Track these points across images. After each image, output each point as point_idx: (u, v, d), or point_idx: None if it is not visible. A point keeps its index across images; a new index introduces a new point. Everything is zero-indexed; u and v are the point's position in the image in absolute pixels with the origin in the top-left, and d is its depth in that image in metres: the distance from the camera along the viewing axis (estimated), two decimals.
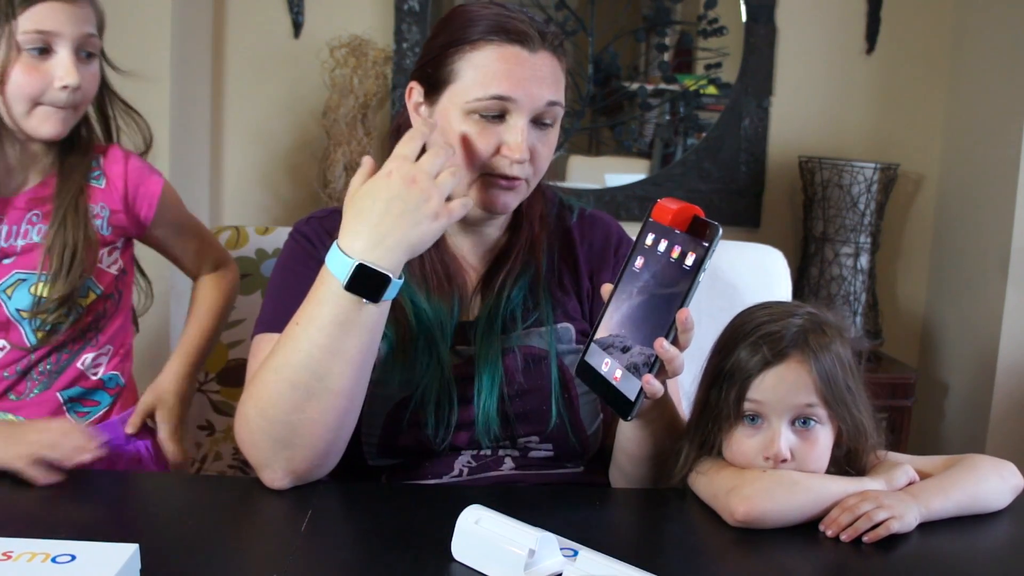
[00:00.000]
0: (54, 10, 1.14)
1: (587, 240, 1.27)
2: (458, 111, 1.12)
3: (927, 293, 2.89)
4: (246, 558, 0.93)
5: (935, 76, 2.81)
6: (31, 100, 1.15)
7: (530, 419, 1.17)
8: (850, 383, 1.06)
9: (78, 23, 1.16)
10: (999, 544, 1.03)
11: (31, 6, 1.13)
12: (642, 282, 0.98)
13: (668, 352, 0.93)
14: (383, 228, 0.99)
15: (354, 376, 1.03)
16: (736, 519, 1.00)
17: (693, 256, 0.93)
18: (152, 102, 2.33)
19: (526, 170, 1.13)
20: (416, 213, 0.99)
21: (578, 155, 2.87)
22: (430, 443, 1.14)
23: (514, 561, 0.84)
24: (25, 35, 1.13)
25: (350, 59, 2.59)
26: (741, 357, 1.05)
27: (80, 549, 0.79)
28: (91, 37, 1.19)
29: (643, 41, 2.82)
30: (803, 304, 1.11)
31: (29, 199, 1.24)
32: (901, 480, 1.05)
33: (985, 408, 2.53)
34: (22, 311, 1.24)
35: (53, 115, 1.17)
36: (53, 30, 1.14)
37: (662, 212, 0.99)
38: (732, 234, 2.75)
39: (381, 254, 0.99)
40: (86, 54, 1.20)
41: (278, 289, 1.18)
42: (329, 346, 1.00)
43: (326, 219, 1.22)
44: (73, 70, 1.15)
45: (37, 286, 1.24)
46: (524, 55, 1.10)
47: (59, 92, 1.16)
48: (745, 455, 1.05)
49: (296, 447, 1.03)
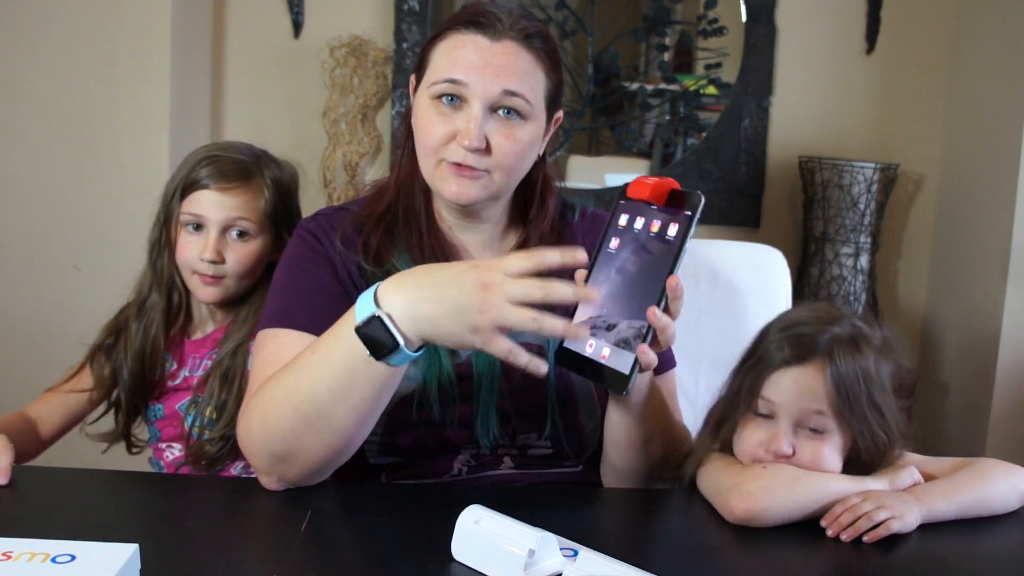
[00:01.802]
0: (208, 198, 1.38)
1: (588, 239, 1.27)
2: (425, 98, 1.14)
3: (927, 293, 2.89)
4: (246, 558, 0.93)
5: (935, 76, 2.81)
6: (187, 268, 1.39)
7: (528, 416, 1.17)
8: (878, 400, 1.04)
9: (226, 209, 1.37)
10: (1001, 547, 1.03)
11: (191, 192, 1.38)
12: (620, 261, 0.97)
13: (661, 320, 0.93)
14: (424, 301, 0.93)
15: (355, 423, 1.01)
16: (736, 515, 1.00)
17: (676, 226, 0.94)
18: (152, 102, 2.35)
19: (482, 161, 1.12)
20: (463, 313, 0.91)
21: (578, 155, 2.87)
22: (432, 440, 1.15)
23: (514, 561, 0.84)
24: (183, 215, 1.39)
25: (350, 59, 2.60)
26: (769, 349, 1.06)
27: (80, 549, 0.79)
28: (240, 220, 1.38)
29: (643, 41, 2.82)
30: (854, 315, 1.09)
31: (209, 341, 1.44)
32: (905, 481, 1.04)
33: (985, 408, 2.53)
34: (195, 427, 1.39)
35: (202, 284, 1.38)
36: (202, 213, 1.37)
37: (640, 188, 0.98)
38: (732, 234, 2.75)
39: (405, 319, 0.93)
40: (237, 233, 1.38)
41: (284, 285, 1.18)
42: (335, 387, 0.98)
43: (332, 216, 1.23)
44: (211, 247, 1.36)
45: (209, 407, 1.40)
46: (483, 42, 1.12)
47: (201, 263, 1.37)
48: (749, 445, 1.06)
49: (291, 464, 1.03)
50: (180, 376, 1.42)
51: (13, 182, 2.36)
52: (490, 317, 0.90)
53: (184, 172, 1.39)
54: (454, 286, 0.92)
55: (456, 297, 0.91)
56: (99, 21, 2.31)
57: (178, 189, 1.39)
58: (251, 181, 1.40)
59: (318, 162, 2.65)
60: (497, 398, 1.15)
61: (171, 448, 1.43)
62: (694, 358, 1.53)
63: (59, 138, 2.35)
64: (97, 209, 2.37)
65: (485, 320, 0.90)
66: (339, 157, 2.63)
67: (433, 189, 1.18)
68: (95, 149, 2.35)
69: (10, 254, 2.37)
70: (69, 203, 2.36)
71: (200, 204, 1.37)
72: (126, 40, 2.33)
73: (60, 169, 2.36)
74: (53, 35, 2.31)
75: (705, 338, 1.23)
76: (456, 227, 1.23)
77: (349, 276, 1.17)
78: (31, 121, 2.34)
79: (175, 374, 1.42)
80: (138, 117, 2.36)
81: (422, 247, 1.19)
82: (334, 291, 1.16)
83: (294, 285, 1.16)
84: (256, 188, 1.40)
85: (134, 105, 2.34)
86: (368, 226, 1.19)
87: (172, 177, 1.42)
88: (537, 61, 1.14)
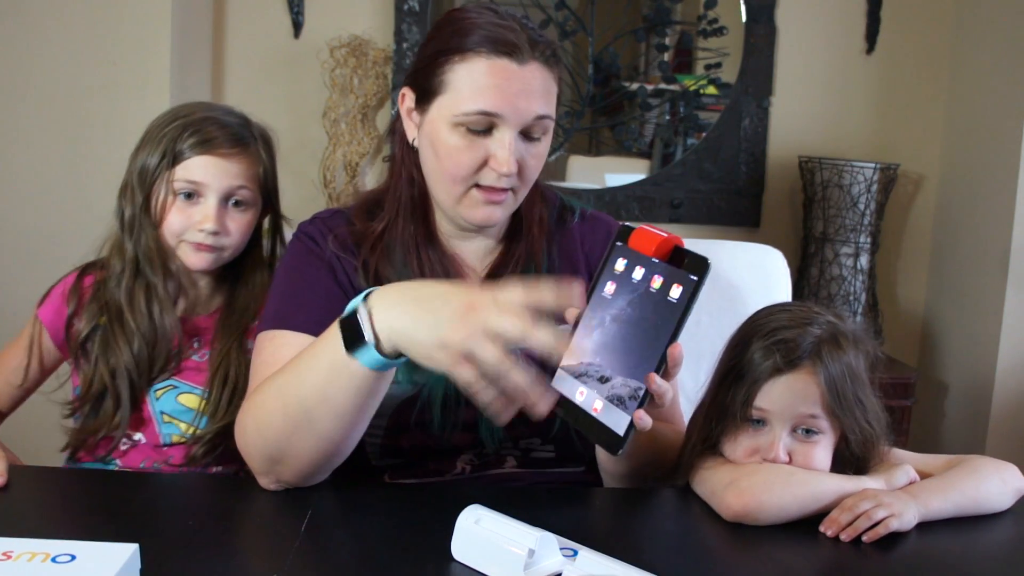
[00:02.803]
0: (205, 164, 1.28)
1: (589, 241, 1.27)
2: (446, 123, 1.11)
3: (927, 293, 2.89)
4: (246, 558, 0.93)
5: (935, 76, 2.81)
6: (176, 236, 1.30)
7: (532, 422, 1.16)
8: (860, 395, 1.05)
9: (226, 176, 1.29)
10: (998, 545, 1.03)
11: (188, 159, 1.28)
12: (616, 310, 0.94)
13: (660, 387, 0.89)
14: (407, 305, 0.92)
15: (340, 428, 0.99)
16: (733, 511, 1.00)
17: (680, 288, 0.89)
18: (152, 102, 2.34)
19: (513, 182, 1.12)
20: (437, 326, 0.88)
21: (578, 155, 2.87)
22: (435, 442, 1.14)
23: (514, 561, 0.84)
24: (178, 182, 1.29)
25: (350, 59, 2.59)
26: (754, 359, 1.05)
27: (80, 549, 0.79)
28: (240, 189, 1.31)
29: (643, 41, 2.82)
30: (824, 311, 1.09)
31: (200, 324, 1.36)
32: (901, 480, 1.05)
33: (985, 408, 2.53)
34: (165, 414, 1.31)
35: (195, 251, 1.30)
36: (200, 180, 1.28)
37: (644, 240, 0.93)
38: (732, 234, 2.76)
39: (381, 320, 0.92)
40: (235, 202, 1.31)
41: (283, 287, 1.18)
42: (320, 387, 0.96)
43: (330, 219, 1.22)
44: (212, 217, 1.28)
45: (185, 396, 1.32)
46: (513, 68, 1.09)
47: (198, 233, 1.29)
48: (743, 454, 1.06)
49: (285, 465, 1.02)
50: (203, 355, 1.34)
51: (13, 182, 2.36)
52: (461, 337, 0.86)
53: (172, 135, 1.29)
54: (440, 300, 0.90)
55: (438, 309, 0.89)
56: (99, 21, 2.31)
57: (167, 154, 1.28)
58: (249, 147, 1.33)
59: (318, 162, 2.65)
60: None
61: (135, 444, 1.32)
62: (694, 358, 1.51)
63: (59, 138, 2.35)
64: (97, 209, 2.37)
65: (456, 339, 0.86)
66: (339, 157, 2.63)
67: (452, 213, 1.16)
68: (95, 149, 2.35)
69: (10, 254, 2.37)
70: (69, 203, 2.36)
71: (198, 171, 1.28)
72: (126, 40, 2.32)
73: (60, 169, 2.36)
74: (53, 35, 2.31)
75: (705, 338, 1.23)
76: (455, 236, 1.22)
77: (348, 279, 1.17)
78: (31, 121, 2.34)
79: (198, 352, 1.34)
80: (138, 117, 2.34)
81: (420, 260, 1.18)
82: (333, 293, 1.16)
83: (293, 287, 1.16)
84: (254, 154, 1.33)
85: (134, 105, 2.34)
86: (365, 248, 1.18)
87: (149, 141, 1.31)
88: (555, 79, 1.14)
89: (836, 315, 1.09)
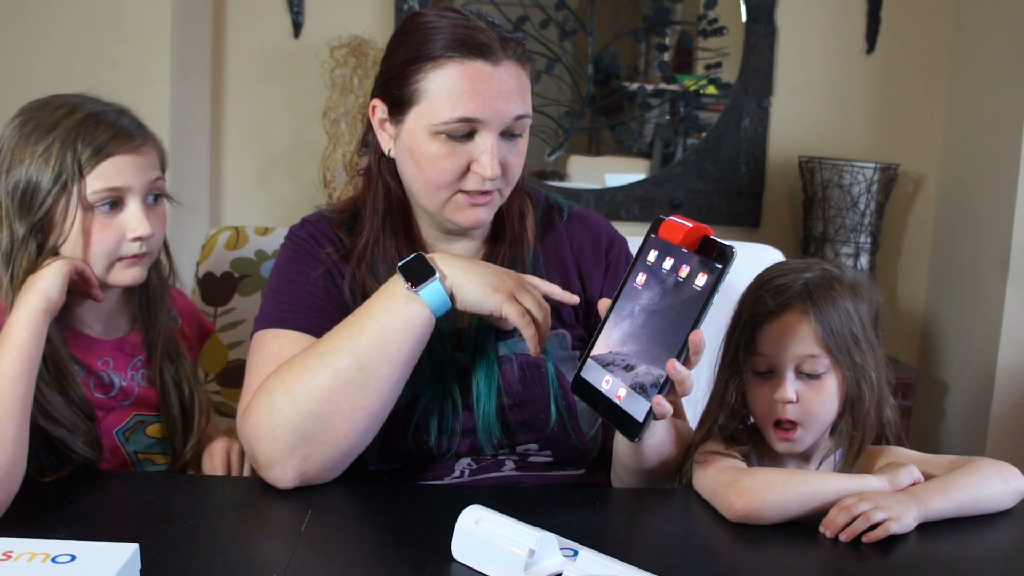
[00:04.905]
0: (121, 164, 1.11)
1: (577, 241, 1.26)
2: (425, 132, 1.10)
3: (927, 293, 2.89)
4: (246, 558, 0.93)
5: (935, 76, 2.81)
6: (109, 257, 1.12)
7: (529, 427, 1.16)
8: (858, 335, 1.08)
9: (145, 171, 1.13)
10: (999, 546, 1.03)
11: (98, 164, 1.09)
12: (645, 300, 0.96)
13: (680, 373, 0.91)
14: (463, 264, 1.08)
15: (393, 378, 1.05)
16: (736, 511, 1.00)
17: (705, 277, 0.91)
18: (152, 102, 2.34)
19: (498, 184, 1.12)
20: (488, 275, 1.07)
21: (578, 155, 2.87)
22: (432, 449, 1.14)
23: (514, 561, 0.84)
24: (95, 194, 1.09)
25: (350, 59, 2.59)
26: (748, 307, 1.10)
27: (80, 549, 0.79)
28: (157, 180, 1.16)
29: (643, 41, 2.82)
30: (823, 262, 1.14)
31: (131, 344, 1.22)
32: (905, 480, 1.05)
33: (985, 408, 2.53)
34: (139, 453, 1.20)
35: (128, 266, 1.14)
36: (123, 185, 1.11)
37: (672, 230, 0.95)
38: (732, 234, 2.75)
39: (443, 264, 1.06)
40: (153, 197, 1.16)
41: (278, 286, 1.18)
42: (377, 338, 1.03)
43: (319, 223, 1.23)
44: (144, 221, 1.12)
45: (153, 427, 1.21)
46: (488, 70, 1.07)
47: (132, 244, 1.13)
48: (761, 405, 1.09)
49: (317, 443, 1.02)
50: (116, 386, 1.17)
51: None
52: (508, 285, 1.06)
53: (61, 145, 1.08)
54: (482, 265, 1.09)
55: (484, 268, 1.08)
56: (99, 21, 2.31)
57: (65, 167, 1.08)
58: (146, 132, 1.17)
59: (318, 162, 2.65)
60: (498, 408, 1.14)
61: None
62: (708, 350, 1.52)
63: None
64: None
65: (504, 286, 1.06)
66: (339, 157, 2.63)
67: (440, 218, 1.16)
68: None
69: None
70: None
71: (117, 174, 1.10)
72: (126, 40, 2.32)
73: None
74: (54, 35, 2.31)
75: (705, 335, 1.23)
76: (439, 240, 1.22)
77: (342, 283, 1.17)
78: None
79: (108, 385, 1.17)
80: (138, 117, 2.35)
81: None
82: (330, 291, 1.16)
83: (289, 287, 1.16)
84: (153, 139, 1.18)
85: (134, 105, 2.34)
86: (352, 264, 1.18)
87: (19, 161, 1.09)
88: (528, 74, 1.13)
89: (837, 266, 1.13)
